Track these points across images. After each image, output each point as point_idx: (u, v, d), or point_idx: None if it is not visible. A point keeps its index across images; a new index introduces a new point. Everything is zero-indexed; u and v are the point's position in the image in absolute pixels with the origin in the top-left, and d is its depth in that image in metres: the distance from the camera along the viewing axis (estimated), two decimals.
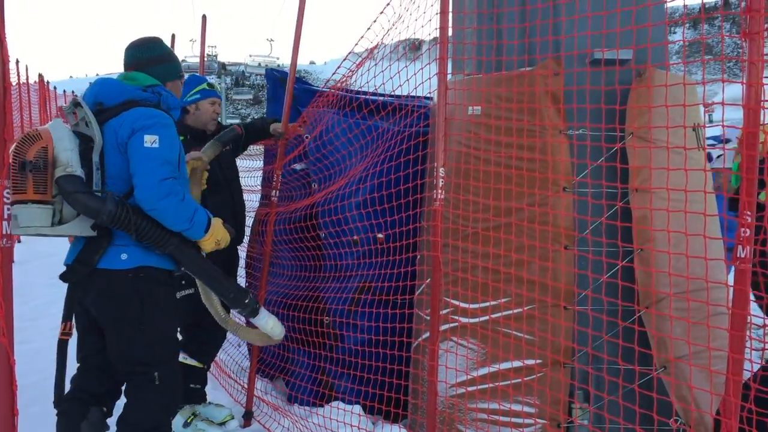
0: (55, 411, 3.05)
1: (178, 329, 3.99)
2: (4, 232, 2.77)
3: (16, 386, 2.81)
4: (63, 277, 3.00)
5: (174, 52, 3.33)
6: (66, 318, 3.00)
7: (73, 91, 21.42)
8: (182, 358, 4.19)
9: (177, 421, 4.12)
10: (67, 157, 2.76)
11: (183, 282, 4.06)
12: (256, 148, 5.43)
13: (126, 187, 2.90)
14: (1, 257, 2.75)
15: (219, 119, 4.49)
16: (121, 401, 3.13)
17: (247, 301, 3.20)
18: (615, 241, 2.91)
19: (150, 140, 2.81)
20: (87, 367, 3.10)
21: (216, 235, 3.06)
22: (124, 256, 2.91)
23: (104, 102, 2.94)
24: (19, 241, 9.57)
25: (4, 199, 2.76)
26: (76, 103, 2.91)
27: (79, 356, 3.13)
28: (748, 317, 2.18)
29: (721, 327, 2.26)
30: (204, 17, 7.62)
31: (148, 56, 3.17)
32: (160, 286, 3.02)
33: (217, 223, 3.07)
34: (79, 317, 3.10)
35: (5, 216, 2.76)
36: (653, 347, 3.01)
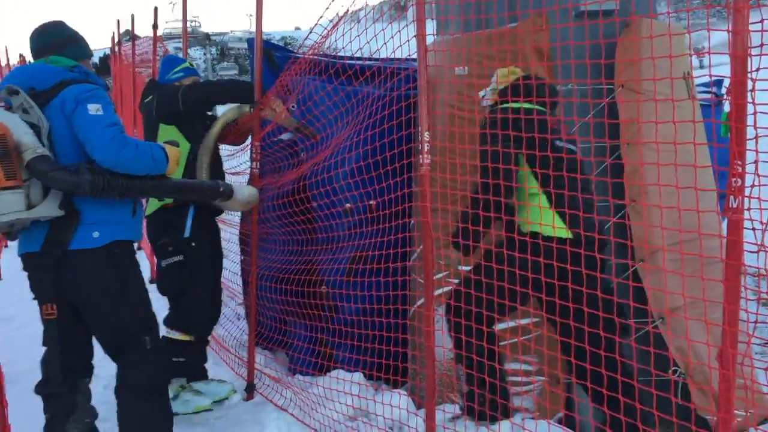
0: (41, 392, 3.11)
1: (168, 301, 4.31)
2: None
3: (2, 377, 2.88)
4: (32, 262, 3.05)
5: (79, 33, 3.43)
6: (47, 299, 3.03)
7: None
8: (166, 332, 4.19)
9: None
10: (30, 139, 2.84)
11: (170, 249, 4.17)
12: None
13: (79, 160, 2.98)
14: None
15: None
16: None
17: (221, 189, 3.61)
18: (606, 197, 2.88)
19: (94, 108, 2.97)
20: (69, 347, 3.12)
21: (174, 157, 3.24)
22: (96, 234, 3.03)
23: (36, 87, 3.01)
24: (6, 246, 9.25)
25: None
26: (13, 91, 2.95)
27: (56, 340, 3.11)
28: (742, 267, 2.15)
29: (715, 279, 2.23)
30: None
31: (59, 39, 3.27)
32: (132, 257, 3.22)
33: (169, 148, 3.23)
34: (45, 300, 3.09)
35: None
36: (649, 301, 3.00)
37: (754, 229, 2.11)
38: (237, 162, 5.41)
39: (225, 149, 5.20)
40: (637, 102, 2.94)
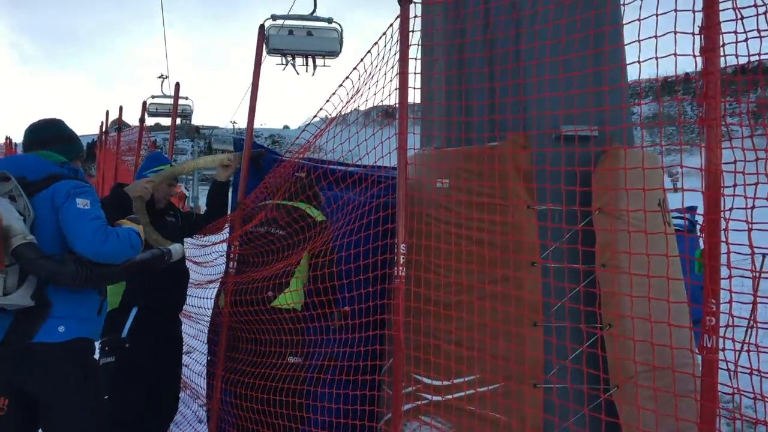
0: None
1: None
2: None
3: None
4: None
5: (75, 133, 3.57)
6: (1, 393, 2.97)
7: None
8: None
9: None
10: (21, 225, 2.90)
11: (106, 348, 4.17)
12: None
13: (57, 251, 3.03)
14: None
15: (189, 191, 4.60)
16: None
17: (166, 255, 3.60)
18: (578, 324, 2.83)
19: (82, 203, 3.08)
20: None
21: (143, 238, 3.38)
22: (61, 329, 3.03)
23: (28, 177, 3.09)
24: None
25: None
26: (4, 177, 3.04)
27: None
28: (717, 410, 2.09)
29: (689, 419, 2.17)
30: (177, 84, 7.64)
31: (54, 136, 3.38)
32: (92, 356, 3.26)
33: (138, 228, 3.36)
34: (4, 393, 3.02)
35: None
36: (622, 426, 2.90)
37: (729, 370, 2.07)
38: (201, 252, 5.36)
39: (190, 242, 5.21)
40: (612, 229, 2.95)
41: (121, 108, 9.98)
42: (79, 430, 3.08)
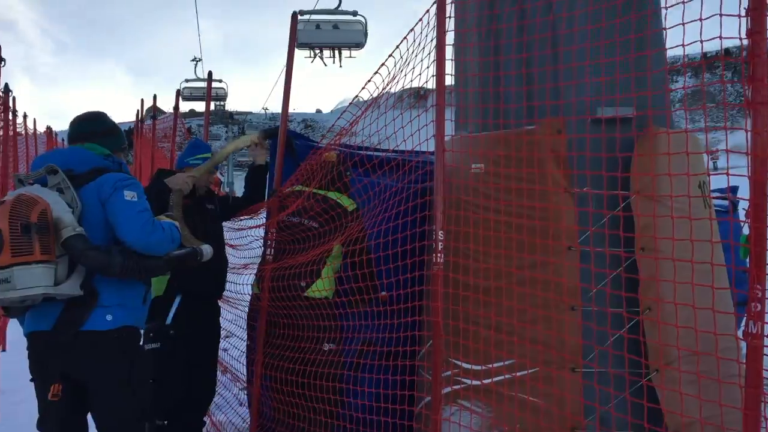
0: None
1: None
2: None
3: None
4: (41, 341, 3.11)
5: (117, 125, 3.69)
6: (52, 380, 3.07)
7: None
8: None
9: None
10: (70, 218, 2.97)
11: (151, 335, 4.29)
12: None
13: (104, 243, 3.11)
14: None
15: (225, 175, 4.71)
16: None
17: (198, 258, 3.63)
18: (617, 309, 2.82)
19: (130, 195, 3.16)
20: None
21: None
22: (109, 318, 3.11)
23: (74, 169, 3.17)
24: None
25: None
26: (52, 170, 3.12)
27: (56, 423, 3.14)
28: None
29: (734, 406, 2.15)
30: (210, 73, 7.72)
31: (98, 128, 3.47)
32: (139, 343, 3.36)
33: (177, 224, 3.47)
34: (50, 381, 3.11)
35: None
36: (664, 412, 2.89)
37: None
38: (237, 235, 5.44)
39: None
40: (652, 214, 2.91)
41: (155, 96, 10.17)
42: (125, 414, 3.18)
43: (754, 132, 2.02)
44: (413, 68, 3.49)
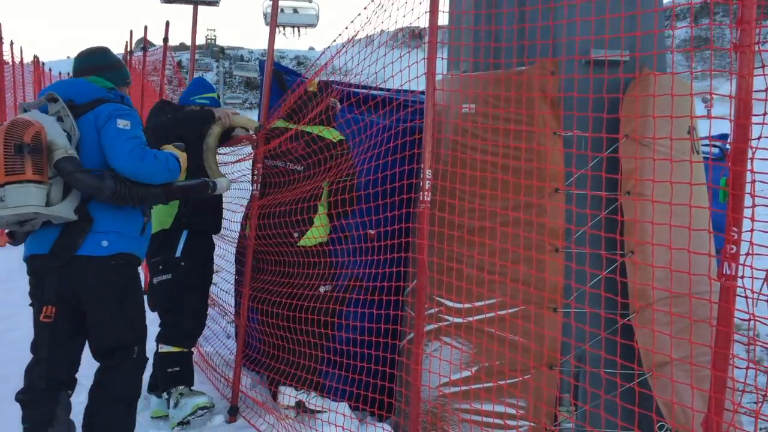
0: (21, 400, 3.16)
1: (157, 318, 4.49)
2: None
3: None
4: (38, 264, 3.18)
5: (121, 60, 3.74)
6: (47, 302, 3.14)
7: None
8: (159, 348, 4.36)
9: (164, 404, 4.38)
10: (64, 141, 3.03)
11: (160, 267, 4.39)
12: None
13: (102, 169, 3.15)
14: None
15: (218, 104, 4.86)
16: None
17: (209, 191, 3.76)
18: (599, 250, 2.87)
19: (122, 123, 3.20)
20: (56, 354, 3.21)
21: (185, 164, 3.55)
22: (104, 243, 3.18)
23: (75, 100, 3.21)
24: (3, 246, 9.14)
25: None
26: (52, 98, 3.16)
27: (47, 344, 3.20)
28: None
29: (705, 344, 2.23)
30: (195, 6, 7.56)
31: (102, 63, 3.53)
32: (135, 270, 3.41)
33: (179, 154, 3.49)
34: (45, 303, 3.17)
35: None
36: (639, 350, 2.98)
37: (746, 297, 2.11)
38: (230, 169, 5.44)
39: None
40: (637, 157, 2.94)
41: (146, 27, 9.93)
42: (118, 338, 3.29)
43: (739, 75, 2.02)
44: (406, 2, 3.43)
